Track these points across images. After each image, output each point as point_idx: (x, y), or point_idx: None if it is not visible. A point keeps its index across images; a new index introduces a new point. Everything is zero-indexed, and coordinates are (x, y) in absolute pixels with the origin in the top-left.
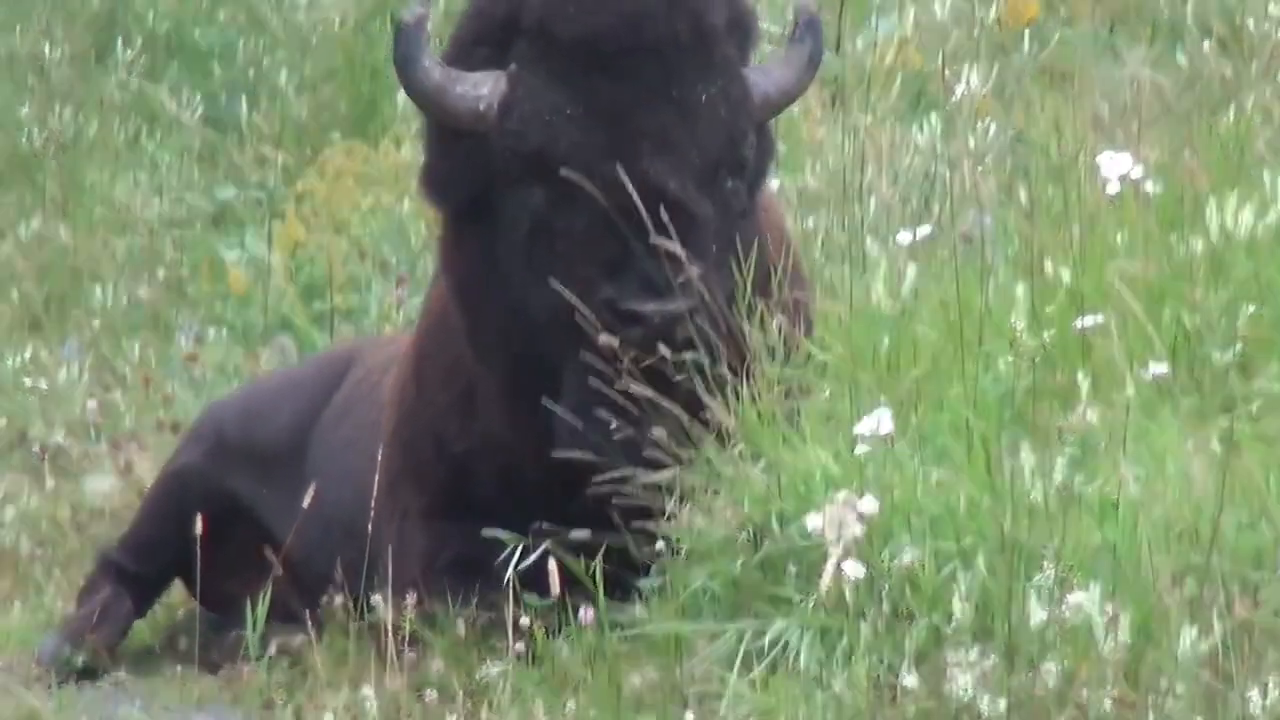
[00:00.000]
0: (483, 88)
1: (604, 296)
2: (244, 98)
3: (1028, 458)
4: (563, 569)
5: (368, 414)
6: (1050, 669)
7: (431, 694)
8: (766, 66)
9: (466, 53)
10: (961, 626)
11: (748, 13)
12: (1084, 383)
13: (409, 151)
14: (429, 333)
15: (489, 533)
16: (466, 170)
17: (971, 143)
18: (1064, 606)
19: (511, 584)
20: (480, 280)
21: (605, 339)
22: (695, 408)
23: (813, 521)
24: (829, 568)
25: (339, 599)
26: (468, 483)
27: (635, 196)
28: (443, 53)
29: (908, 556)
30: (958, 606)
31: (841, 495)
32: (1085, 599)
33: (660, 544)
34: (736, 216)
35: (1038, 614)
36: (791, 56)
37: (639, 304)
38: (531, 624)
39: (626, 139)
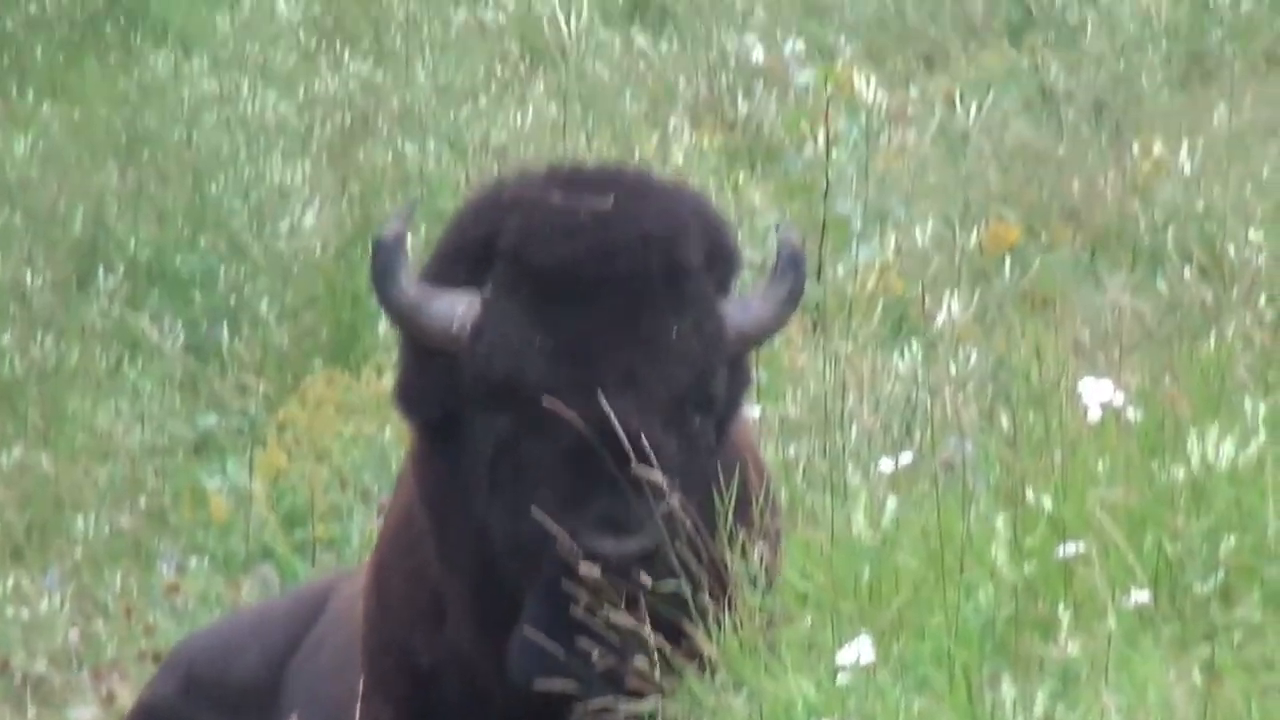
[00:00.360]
0: (457, 308)
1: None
2: (225, 325)
3: (1009, 689)
4: None
5: (343, 640)
6: None
7: None
8: (745, 299)
9: (446, 270)
10: None
11: (730, 245)
12: (1065, 614)
13: (390, 380)
14: (391, 539)
15: None
16: (438, 388)
17: (953, 369)
18: None
19: None
20: (447, 496)
21: (585, 568)
22: (674, 635)
23: None
24: None
25: None
26: (434, 697)
27: (594, 434)
28: (423, 268)
29: None
30: None
31: None
32: None
33: None
34: (703, 454)
35: None
36: (771, 291)
37: (598, 542)
38: None
39: (593, 374)
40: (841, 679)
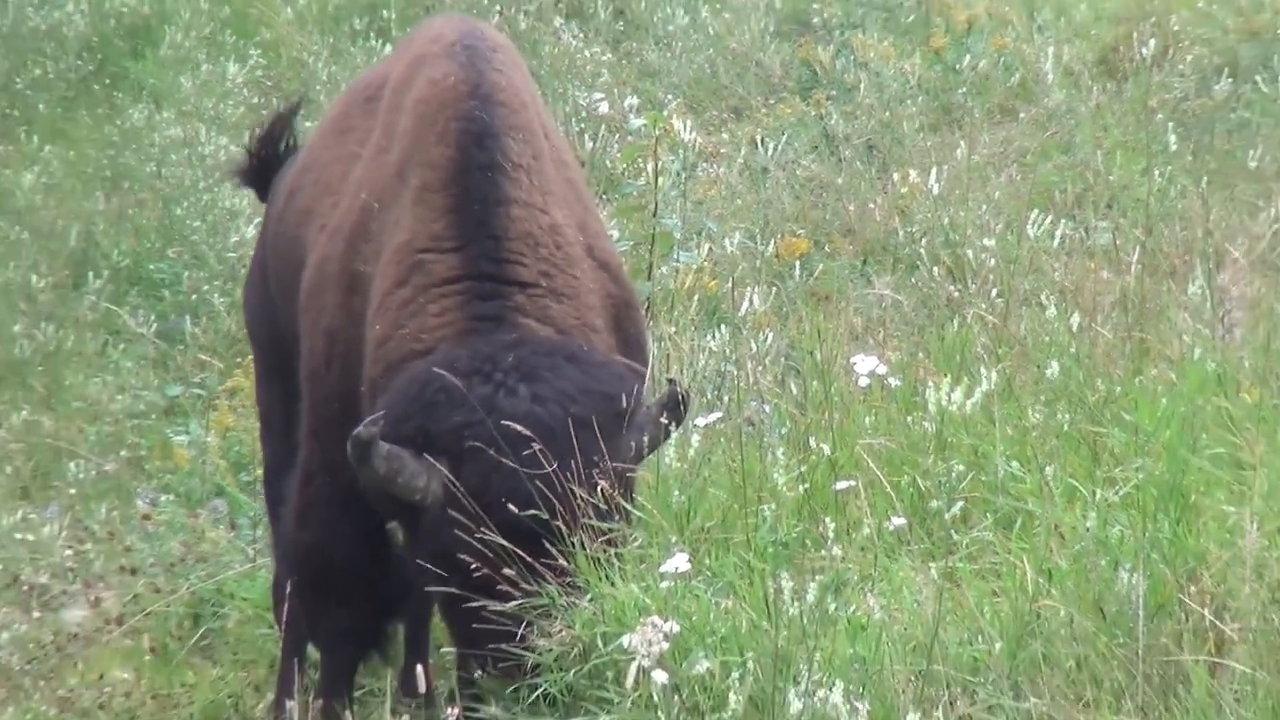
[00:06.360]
0: (417, 481)
1: None
2: (188, 317)
3: (787, 583)
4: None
5: None
6: None
7: None
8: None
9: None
10: (737, 717)
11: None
12: (831, 526)
13: None
14: None
15: None
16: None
17: (754, 347)
18: (816, 699)
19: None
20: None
21: None
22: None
23: (628, 640)
24: (632, 671)
25: None
26: None
27: None
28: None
29: (701, 666)
30: (733, 699)
31: (650, 620)
32: (837, 695)
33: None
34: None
35: (795, 705)
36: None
37: None
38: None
39: None
40: (664, 585)
